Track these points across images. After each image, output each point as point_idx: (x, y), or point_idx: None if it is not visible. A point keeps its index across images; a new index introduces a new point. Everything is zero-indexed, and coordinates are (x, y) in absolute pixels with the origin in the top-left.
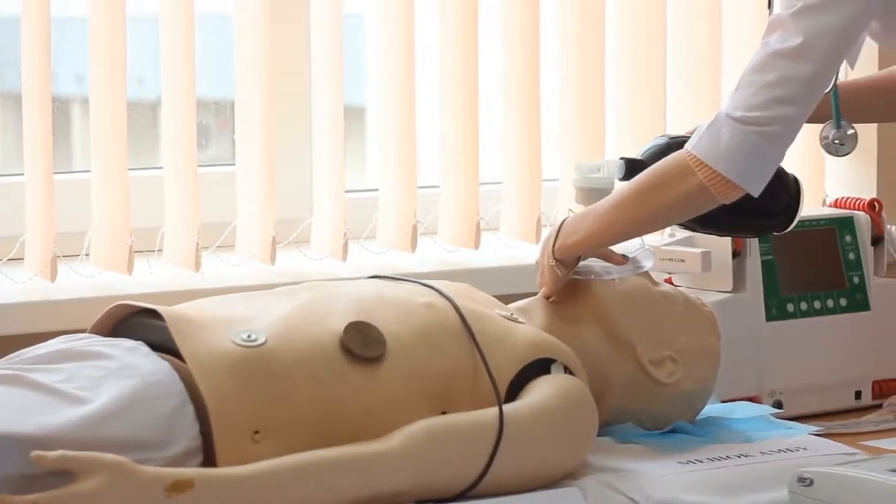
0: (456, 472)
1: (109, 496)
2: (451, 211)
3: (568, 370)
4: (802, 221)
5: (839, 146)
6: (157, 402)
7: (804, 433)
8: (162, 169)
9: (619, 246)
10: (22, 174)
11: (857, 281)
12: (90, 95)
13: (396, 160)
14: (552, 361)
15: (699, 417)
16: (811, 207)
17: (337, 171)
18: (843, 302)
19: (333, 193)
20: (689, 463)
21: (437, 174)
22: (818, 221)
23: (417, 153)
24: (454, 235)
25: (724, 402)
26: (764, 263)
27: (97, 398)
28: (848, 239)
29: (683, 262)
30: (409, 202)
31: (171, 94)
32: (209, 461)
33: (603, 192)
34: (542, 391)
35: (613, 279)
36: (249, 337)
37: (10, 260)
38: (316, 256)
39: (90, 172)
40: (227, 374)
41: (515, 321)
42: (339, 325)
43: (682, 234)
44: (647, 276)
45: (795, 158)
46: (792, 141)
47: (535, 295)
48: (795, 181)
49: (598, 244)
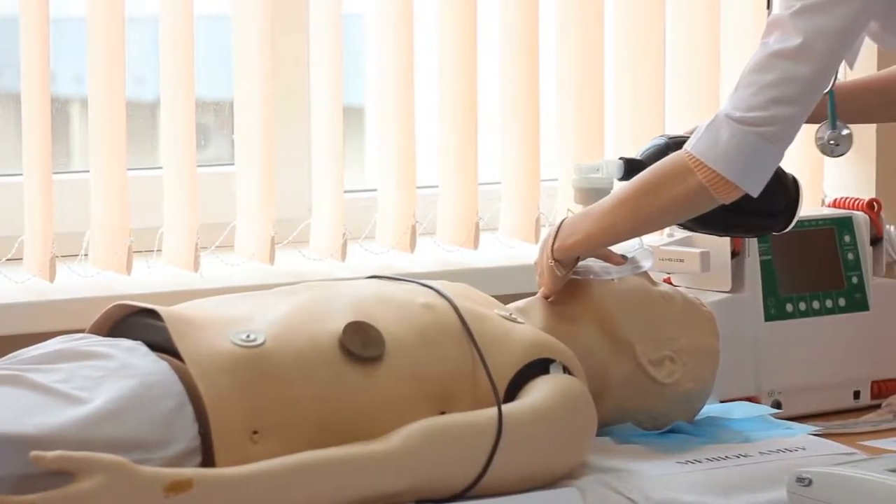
0: (455, 472)
1: (108, 496)
2: (449, 211)
3: (567, 370)
4: (801, 221)
5: (834, 147)
6: (155, 402)
7: (803, 433)
8: (161, 169)
9: (617, 246)
10: (21, 174)
11: (855, 281)
12: (89, 95)
13: (395, 160)
14: (551, 361)
15: (698, 417)
16: (810, 207)
17: (336, 171)
18: (841, 302)
19: (332, 193)
20: (687, 463)
21: (436, 174)
22: (817, 221)
23: (416, 153)
24: (453, 235)
25: (722, 402)
26: (763, 263)
27: (96, 398)
28: (847, 239)
29: (682, 262)
30: (408, 202)
31: (170, 94)
32: (208, 461)
33: (602, 192)
34: (540, 391)
35: (612, 279)
36: (248, 337)
37: (8, 260)
38: (315, 256)
39: (89, 172)
40: (225, 374)
41: (514, 321)
42: (338, 325)
43: (680, 234)
44: (646, 276)
45: (794, 158)
46: (791, 141)
47: (534, 295)
48: (794, 181)
49: (597, 244)
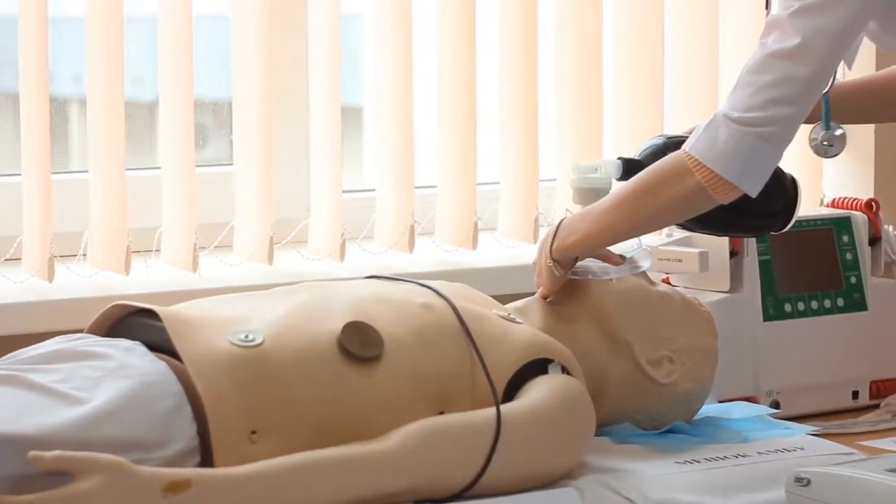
0: (453, 472)
1: (107, 496)
2: (448, 211)
3: (565, 370)
4: (800, 221)
5: (828, 147)
6: (154, 402)
7: (801, 433)
8: (159, 169)
9: (616, 246)
10: (19, 174)
11: (854, 281)
12: (88, 95)
13: (394, 160)
14: (550, 362)
15: (696, 417)
16: (808, 207)
17: (334, 171)
18: (840, 302)
19: (331, 193)
20: (686, 463)
21: (434, 174)
22: (815, 221)
23: (415, 153)
24: (452, 235)
25: (721, 402)
26: (761, 263)
27: (94, 398)
28: (845, 239)
29: (681, 262)
30: (406, 202)
31: (168, 94)
32: (206, 461)
33: (600, 192)
34: (539, 391)
35: (611, 279)
36: (247, 337)
37: (7, 260)
38: (313, 256)
39: (88, 172)
40: (224, 374)
41: (513, 321)
42: (336, 325)
43: (679, 234)
44: (644, 276)
45: (793, 158)
46: (789, 141)
47: (532, 295)
48: (793, 181)
49: (595, 244)
